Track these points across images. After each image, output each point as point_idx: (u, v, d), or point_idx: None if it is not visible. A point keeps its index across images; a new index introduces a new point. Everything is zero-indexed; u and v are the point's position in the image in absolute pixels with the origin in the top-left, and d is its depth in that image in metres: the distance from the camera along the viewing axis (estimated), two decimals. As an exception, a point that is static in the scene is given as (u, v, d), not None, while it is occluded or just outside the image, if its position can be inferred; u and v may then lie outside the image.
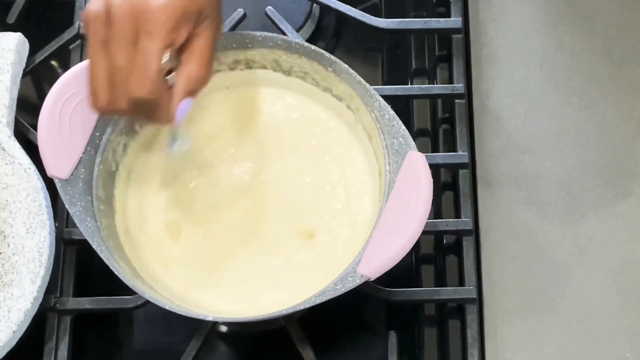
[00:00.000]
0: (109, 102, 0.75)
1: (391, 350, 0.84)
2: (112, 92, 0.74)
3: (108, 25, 0.73)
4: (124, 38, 0.73)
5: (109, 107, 0.76)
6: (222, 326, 0.90)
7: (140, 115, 0.77)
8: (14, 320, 0.82)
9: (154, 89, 0.74)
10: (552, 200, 0.89)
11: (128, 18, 0.73)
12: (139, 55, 0.73)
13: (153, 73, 0.73)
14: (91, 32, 0.75)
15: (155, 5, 0.72)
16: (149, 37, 0.73)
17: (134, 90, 0.74)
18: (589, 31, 0.95)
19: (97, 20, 0.74)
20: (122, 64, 0.73)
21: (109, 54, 0.74)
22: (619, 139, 0.91)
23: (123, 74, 0.73)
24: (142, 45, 0.73)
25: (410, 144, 0.80)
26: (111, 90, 0.74)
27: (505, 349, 0.84)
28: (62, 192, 0.80)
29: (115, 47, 0.73)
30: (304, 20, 1.00)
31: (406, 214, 0.77)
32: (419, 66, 0.99)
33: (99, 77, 0.75)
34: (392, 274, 0.78)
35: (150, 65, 0.73)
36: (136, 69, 0.73)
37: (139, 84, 0.73)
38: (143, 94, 0.74)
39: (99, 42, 0.74)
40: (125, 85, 0.74)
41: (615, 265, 0.87)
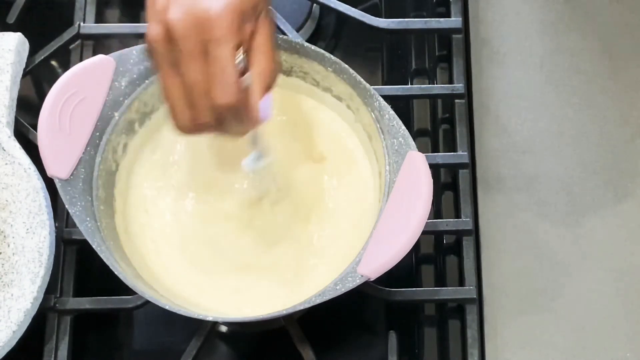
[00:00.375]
0: (192, 119, 0.74)
1: (391, 350, 0.84)
2: (194, 109, 0.73)
3: (172, 45, 0.72)
4: (194, 52, 0.72)
5: (194, 124, 0.74)
6: (222, 326, 0.90)
7: (226, 125, 0.75)
8: (14, 320, 0.82)
9: (236, 92, 0.73)
10: (552, 200, 0.89)
11: (192, 32, 0.72)
12: (214, 64, 0.72)
13: (232, 77, 0.72)
14: (158, 56, 0.73)
15: (214, 11, 0.71)
16: (217, 44, 0.71)
17: (217, 99, 0.72)
18: (589, 31, 0.95)
19: (160, 42, 0.73)
20: (198, 77, 0.72)
21: (181, 72, 0.73)
22: (619, 139, 0.91)
23: (201, 88, 0.72)
24: (214, 54, 0.72)
25: (410, 144, 0.80)
26: (192, 107, 0.73)
27: (505, 349, 0.84)
28: (62, 192, 0.80)
29: (186, 63, 0.72)
30: (304, 20, 1.00)
31: (406, 213, 0.77)
32: (419, 66, 0.99)
33: (177, 98, 0.74)
34: (392, 274, 0.78)
35: (227, 70, 0.72)
36: (214, 78, 0.72)
37: (220, 91, 0.72)
38: (227, 100, 0.72)
39: (167, 63, 0.73)
40: (205, 98, 0.73)
41: (615, 265, 0.87)
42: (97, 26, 0.95)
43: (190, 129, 0.75)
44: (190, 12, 0.72)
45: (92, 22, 0.95)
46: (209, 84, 0.72)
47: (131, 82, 0.84)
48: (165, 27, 0.72)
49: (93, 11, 0.96)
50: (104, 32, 0.95)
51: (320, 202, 0.85)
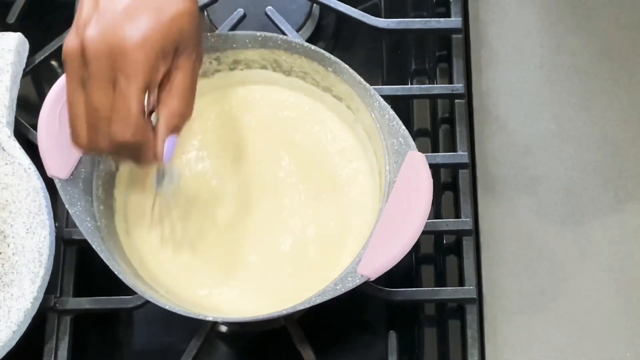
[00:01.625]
0: (89, 141, 0.73)
1: (391, 350, 0.84)
2: (93, 132, 0.72)
3: (84, 63, 0.71)
4: (101, 78, 0.70)
5: (91, 146, 0.73)
6: (222, 326, 0.90)
7: (124, 156, 0.74)
8: (14, 320, 0.82)
9: (136, 132, 0.71)
10: (552, 200, 0.89)
11: (104, 58, 0.70)
12: (119, 98, 0.70)
13: (134, 116, 0.71)
14: (68, 69, 0.72)
15: (131, 43, 0.69)
16: (127, 79, 0.70)
17: (116, 135, 0.71)
18: (589, 31, 0.95)
19: (73, 56, 0.71)
20: (101, 105, 0.71)
21: (87, 92, 0.71)
22: (619, 139, 0.91)
23: (102, 115, 0.71)
24: (121, 87, 0.70)
25: (410, 144, 0.80)
26: (91, 130, 0.72)
27: (505, 349, 0.84)
28: (62, 192, 0.80)
29: (92, 87, 0.70)
30: (304, 20, 1.00)
31: (406, 214, 0.77)
32: (419, 66, 0.99)
33: (78, 116, 0.72)
34: (392, 274, 0.78)
35: (131, 108, 0.70)
36: (116, 112, 0.71)
37: (120, 128, 0.71)
38: (126, 138, 0.71)
39: (76, 79, 0.72)
40: (105, 126, 0.71)
41: (615, 265, 0.87)
42: (97, 26, 0.95)
43: (87, 149, 0.74)
44: (107, 36, 0.70)
45: (92, 22, 0.95)
46: (111, 115, 0.71)
47: (131, 82, 0.84)
48: (81, 42, 0.71)
49: (93, 11, 0.96)
50: (104, 32, 0.95)
51: (320, 201, 0.85)
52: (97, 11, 0.71)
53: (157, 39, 0.70)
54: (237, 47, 0.86)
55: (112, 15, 0.70)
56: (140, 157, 0.74)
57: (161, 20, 0.71)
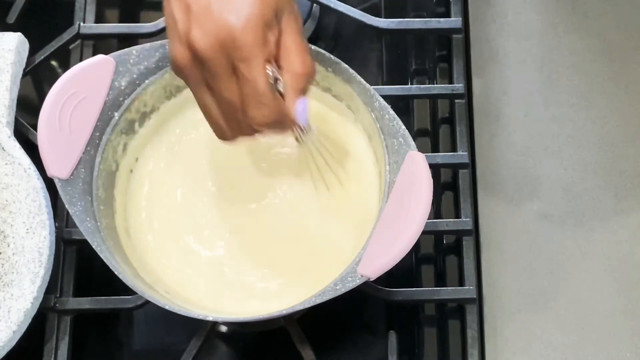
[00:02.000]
0: (234, 134, 0.76)
1: (391, 350, 0.84)
2: (234, 124, 0.75)
3: (200, 65, 0.72)
4: (224, 72, 0.72)
5: (238, 137, 0.76)
6: (222, 326, 0.90)
7: (268, 132, 0.76)
8: (14, 320, 0.82)
9: (273, 109, 0.73)
10: (552, 200, 0.89)
11: (219, 53, 0.71)
12: (245, 84, 0.72)
13: (266, 96, 0.73)
14: (189, 78, 0.74)
15: (236, 29, 0.71)
16: (246, 64, 0.71)
17: (255, 119, 0.73)
18: (589, 31, 0.95)
19: (189, 64, 0.73)
20: (231, 96, 0.73)
21: (215, 91, 0.73)
22: (619, 139, 0.91)
23: (237, 106, 0.73)
24: (244, 73, 0.72)
25: (410, 144, 0.80)
26: (231, 122, 0.75)
27: (505, 349, 0.84)
28: (62, 192, 0.80)
29: (217, 83, 0.73)
30: (304, 20, 0.99)
31: (406, 214, 0.77)
32: (419, 66, 0.99)
33: (215, 116, 0.75)
34: (392, 274, 0.78)
35: (260, 89, 0.72)
36: (248, 98, 0.73)
37: (258, 112, 0.73)
38: (266, 120, 0.74)
39: (200, 84, 0.74)
40: (242, 114, 0.73)
41: (615, 265, 0.87)
42: (97, 26, 0.95)
43: (234, 139, 0.77)
44: (213, 32, 0.71)
45: (92, 22, 0.95)
46: (244, 102, 0.73)
47: (131, 82, 0.84)
48: (190, 49, 0.72)
49: (93, 11, 0.96)
50: (104, 32, 0.95)
51: (320, 201, 0.85)
52: (193, 14, 0.72)
53: (258, 14, 0.72)
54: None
55: (208, 12, 0.72)
56: (282, 128, 0.76)
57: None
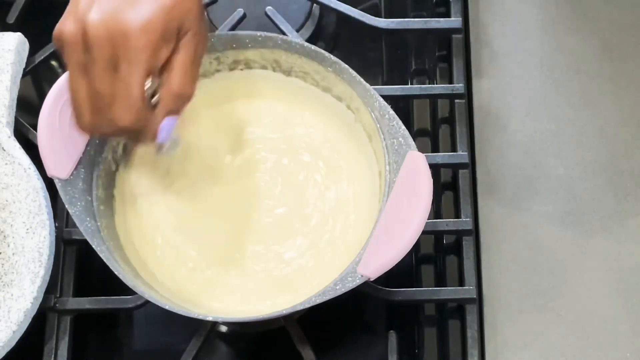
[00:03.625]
0: (92, 125, 0.73)
1: (391, 350, 0.84)
2: (96, 115, 0.73)
3: (86, 48, 0.71)
4: (103, 63, 0.70)
5: (94, 129, 0.74)
6: (222, 326, 0.90)
7: (124, 137, 0.76)
8: (14, 320, 0.82)
9: (138, 117, 0.72)
10: (552, 200, 0.89)
11: (106, 43, 0.70)
12: (120, 84, 0.71)
13: (136, 102, 0.71)
14: (69, 55, 0.72)
15: (133, 28, 0.70)
16: (129, 64, 0.70)
17: (118, 120, 0.72)
18: (589, 31, 0.95)
19: (73, 42, 0.71)
20: (103, 89, 0.71)
21: (89, 77, 0.71)
22: (619, 139, 0.91)
23: (105, 100, 0.71)
24: (123, 73, 0.70)
25: (410, 144, 0.80)
26: (95, 113, 0.73)
27: (505, 349, 0.84)
28: (62, 192, 0.80)
29: (95, 72, 0.71)
30: (304, 20, 1.00)
31: (406, 214, 0.77)
32: (419, 66, 0.99)
33: (81, 100, 0.73)
34: (392, 274, 0.78)
35: (133, 94, 0.71)
36: (118, 98, 0.71)
37: (122, 113, 0.71)
38: (127, 124, 0.72)
39: (77, 64, 0.72)
40: (108, 110, 0.72)
41: (615, 265, 0.87)
42: (97, 26, 0.95)
43: (91, 132, 0.75)
44: (109, 21, 0.70)
45: (92, 22, 0.95)
46: (113, 100, 0.71)
47: (131, 82, 0.84)
48: (82, 27, 0.71)
49: (93, 11, 0.96)
50: (104, 32, 0.95)
51: (320, 201, 0.85)
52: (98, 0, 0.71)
53: (159, 23, 0.71)
54: (237, 47, 0.86)
55: (113, 2, 0.71)
56: (139, 138, 0.75)
57: (163, 4, 0.71)
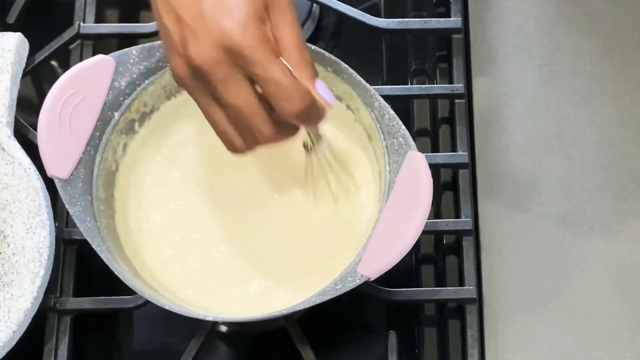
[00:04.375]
0: (247, 145, 0.73)
1: (391, 350, 0.84)
2: (247, 132, 0.72)
3: (203, 79, 0.71)
4: (230, 80, 0.70)
5: (251, 147, 0.74)
6: (222, 326, 0.90)
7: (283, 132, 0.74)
8: (14, 320, 0.82)
9: (303, 95, 0.71)
10: (552, 200, 0.89)
11: (220, 62, 0.69)
12: (268, 84, 0.70)
13: (292, 85, 0.70)
14: (193, 92, 0.72)
15: (236, 33, 0.69)
16: (259, 65, 0.69)
17: (291, 111, 0.71)
18: (589, 31, 0.95)
19: (190, 79, 0.71)
20: (245, 103, 0.71)
21: (223, 102, 0.71)
22: (619, 139, 0.91)
23: (249, 111, 0.71)
24: (261, 74, 0.70)
25: (410, 144, 0.80)
26: (244, 132, 0.72)
27: (505, 349, 0.84)
28: (62, 192, 0.80)
29: (225, 93, 0.70)
30: (304, 20, 1.00)
31: (406, 214, 0.77)
32: (419, 66, 0.99)
33: (225, 128, 0.73)
34: (392, 274, 0.78)
35: (285, 82, 0.70)
36: (275, 94, 0.70)
37: (289, 103, 0.70)
38: (302, 107, 0.71)
39: (203, 96, 0.72)
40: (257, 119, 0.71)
41: (615, 266, 0.87)
42: (97, 26, 0.95)
43: (246, 149, 0.74)
44: (212, 43, 0.69)
45: (92, 22, 0.95)
46: (272, 100, 0.71)
47: (131, 82, 0.84)
48: (191, 64, 0.70)
49: (93, 11, 0.96)
50: (104, 32, 0.95)
51: (320, 202, 0.85)
52: (185, 26, 0.71)
53: (252, 13, 0.70)
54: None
55: (201, 21, 0.70)
56: (312, 117, 0.73)
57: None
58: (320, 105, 0.73)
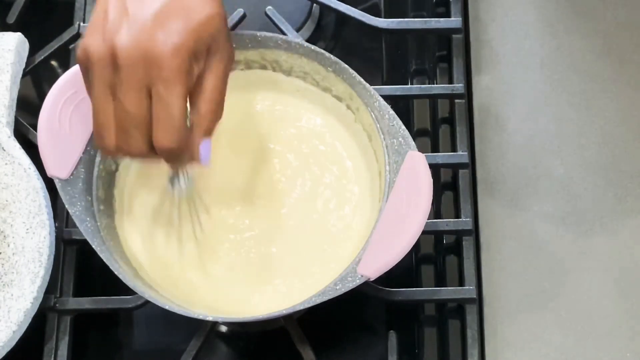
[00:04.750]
0: (118, 146, 0.73)
1: (391, 350, 0.84)
2: (123, 136, 0.72)
3: (114, 69, 0.70)
4: (135, 85, 0.70)
5: (120, 151, 0.73)
6: (222, 326, 0.90)
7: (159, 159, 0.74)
8: (14, 320, 0.82)
9: (181, 138, 0.72)
10: (552, 200, 0.89)
11: (140, 65, 0.70)
12: (160, 106, 0.70)
13: (179, 123, 0.71)
14: (96, 74, 0.71)
15: (165, 49, 0.69)
16: (166, 86, 0.70)
17: (161, 142, 0.71)
18: (589, 31, 0.95)
19: (101, 62, 0.71)
20: (135, 111, 0.71)
21: (118, 98, 0.71)
22: (619, 139, 0.91)
23: (137, 120, 0.71)
24: (162, 94, 0.70)
25: (410, 144, 0.80)
26: (121, 134, 0.72)
27: (505, 349, 0.84)
28: (62, 192, 0.80)
29: (126, 93, 0.70)
30: (304, 20, 1.00)
31: (406, 214, 0.77)
32: (419, 66, 0.99)
33: (106, 122, 0.72)
34: (392, 274, 0.78)
35: (175, 115, 0.70)
36: (159, 119, 0.71)
37: (165, 135, 0.71)
38: (171, 145, 0.71)
39: (104, 85, 0.71)
40: (138, 132, 0.71)
41: (615, 265, 0.87)
42: (97, 26, 0.95)
43: (114, 154, 0.74)
44: (141, 44, 0.70)
45: (92, 22, 0.95)
46: (154, 122, 0.71)
47: (131, 82, 0.84)
48: (110, 47, 0.70)
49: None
50: (104, 32, 0.95)
51: (319, 202, 0.85)
52: (127, 17, 0.71)
53: (190, 44, 0.70)
54: (237, 47, 0.85)
55: (143, 22, 0.70)
56: (179, 160, 0.74)
57: (192, 25, 0.71)
58: (190, 155, 0.74)
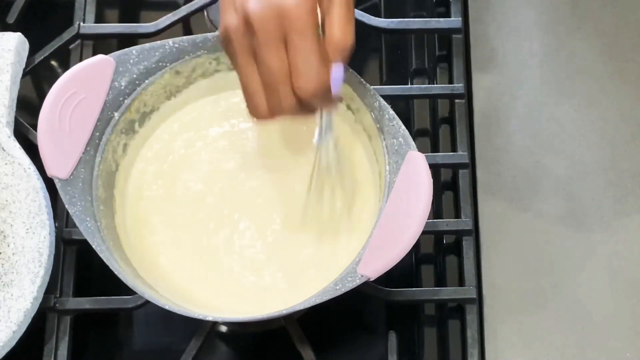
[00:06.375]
0: (271, 108, 0.76)
1: (391, 350, 0.84)
2: (273, 97, 0.75)
3: (250, 35, 0.74)
4: (274, 42, 0.73)
5: (273, 112, 0.76)
6: (222, 326, 0.90)
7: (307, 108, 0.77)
8: (14, 320, 0.82)
9: (323, 80, 0.74)
10: (552, 200, 0.89)
11: (271, 22, 0.73)
12: (298, 55, 0.73)
13: (316, 66, 0.74)
14: (236, 45, 0.75)
15: (291, 2, 0.73)
16: (300, 34, 0.73)
17: (303, 89, 0.74)
18: (589, 31, 0.95)
19: (238, 32, 0.74)
20: (278, 65, 0.74)
21: (260, 61, 0.74)
22: (619, 139, 0.91)
23: (283, 75, 0.74)
24: (297, 44, 0.73)
25: (410, 144, 0.80)
26: (272, 94, 0.75)
27: (505, 349, 0.84)
28: (62, 192, 0.80)
29: (266, 52, 0.74)
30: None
31: (406, 214, 0.77)
32: (419, 66, 0.99)
33: (255, 89, 0.76)
34: (392, 274, 0.78)
35: (312, 60, 0.73)
36: (299, 68, 0.73)
37: (307, 81, 0.74)
38: (315, 89, 0.74)
39: (245, 52, 0.75)
40: (286, 84, 0.74)
41: (615, 265, 0.87)
42: (97, 26, 0.95)
43: (268, 115, 0.77)
44: (268, 3, 0.73)
45: (92, 22, 0.95)
46: (293, 72, 0.74)
47: (131, 82, 0.84)
48: (244, 17, 0.74)
49: (93, 11, 0.96)
50: (104, 32, 0.95)
51: (319, 202, 0.85)
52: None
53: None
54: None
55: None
56: (324, 101, 0.76)
57: None
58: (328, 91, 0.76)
